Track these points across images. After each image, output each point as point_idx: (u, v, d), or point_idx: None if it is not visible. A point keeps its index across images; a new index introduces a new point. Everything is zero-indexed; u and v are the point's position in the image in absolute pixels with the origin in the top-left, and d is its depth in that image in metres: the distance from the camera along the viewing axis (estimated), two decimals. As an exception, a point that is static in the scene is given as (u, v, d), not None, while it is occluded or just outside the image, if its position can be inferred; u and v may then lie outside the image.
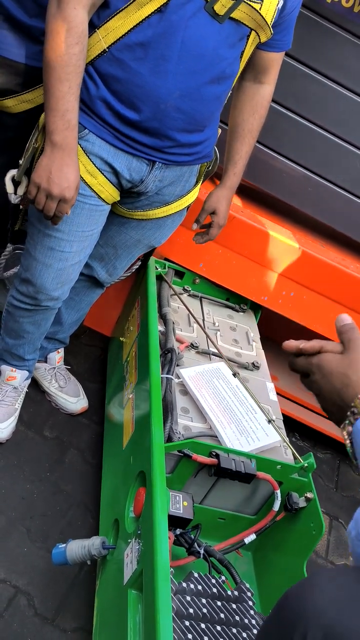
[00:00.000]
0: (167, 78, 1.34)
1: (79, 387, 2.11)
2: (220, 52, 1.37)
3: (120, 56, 1.33)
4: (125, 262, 1.82)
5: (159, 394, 1.47)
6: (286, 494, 1.52)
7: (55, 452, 1.95)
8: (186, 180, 1.60)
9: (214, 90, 1.43)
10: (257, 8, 1.34)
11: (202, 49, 1.33)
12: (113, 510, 1.52)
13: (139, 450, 1.47)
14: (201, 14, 1.29)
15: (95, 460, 1.96)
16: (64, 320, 1.96)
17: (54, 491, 1.83)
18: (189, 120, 1.43)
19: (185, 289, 2.06)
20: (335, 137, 1.95)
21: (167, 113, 1.39)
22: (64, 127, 1.30)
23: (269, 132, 1.89)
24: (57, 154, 1.32)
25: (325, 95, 1.89)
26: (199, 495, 1.57)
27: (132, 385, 1.72)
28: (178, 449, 1.42)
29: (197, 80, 1.37)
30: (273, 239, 1.95)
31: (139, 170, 1.49)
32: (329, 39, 1.82)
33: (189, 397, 1.62)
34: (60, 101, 1.28)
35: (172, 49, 1.31)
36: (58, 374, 2.07)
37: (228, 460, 1.43)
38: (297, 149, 1.98)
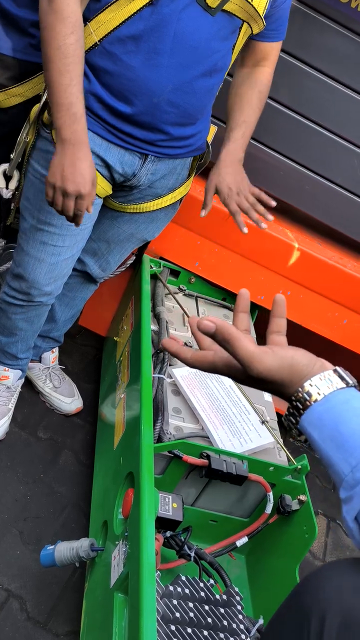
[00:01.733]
0: (160, 72, 1.33)
1: (73, 387, 2.09)
2: (213, 45, 1.35)
3: (112, 49, 1.32)
4: (118, 256, 1.81)
5: (149, 393, 1.44)
6: (279, 497, 1.49)
7: (49, 453, 1.93)
8: (179, 173, 1.59)
9: (207, 83, 1.42)
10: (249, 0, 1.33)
11: (195, 41, 1.32)
12: (103, 512, 1.50)
13: (128, 450, 1.45)
14: (193, 6, 1.28)
15: (89, 461, 1.94)
16: (58, 318, 1.94)
17: (48, 493, 1.81)
18: (181, 114, 1.42)
19: (180, 288, 2.04)
20: (333, 134, 1.92)
21: (159, 107, 1.38)
22: (71, 120, 1.27)
23: (265, 129, 1.87)
24: (68, 150, 1.29)
25: (323, 92, 1.86)
26: (190, 497, 1.54)
27: (124, 385, 1.70)
28: (168, 450, 1.39)
29: (190, 73, 1.36)
30: (270, 238, 1.92)
31: (131, 164, 1.48)
32: (327, 36, 1.79)
33: (181, 397, 1.60)
34: (63, 94, 1.25)
35: (165, 42, 1.30)
36: (52, 374, 2.05)
37: (219, 461, 1.40)
38: (294, 147, 1.95)
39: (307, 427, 0.70)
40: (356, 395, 0.70)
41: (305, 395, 0.71)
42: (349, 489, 0.64)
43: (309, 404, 0.70)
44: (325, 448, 0.67)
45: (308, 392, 0.71)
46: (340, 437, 0.66)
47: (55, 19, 1.22)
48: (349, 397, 0.69)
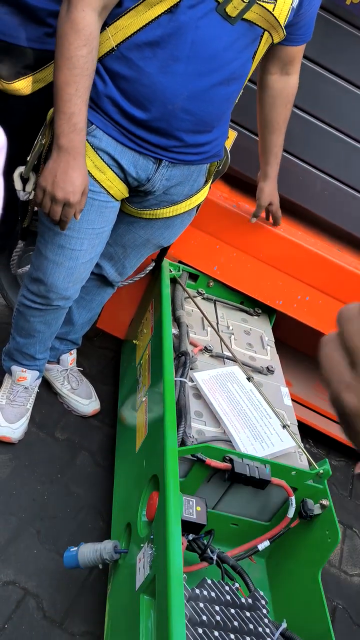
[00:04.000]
0: (176, 79, 1.33)
1: (91, 389, 2.11)
2: (232, 53, 1.35)
3: (129, 55, 1.32)
4: (134, 261, 1.81)
5: (172, 397, 1.45)
6: (301, 501, 1.50)
7: (66, 453, 1.94)
8: (194, 180, 1.59)
9: (224, 92, 1.41)
10: (269, 9, 1.31)
11: (213, 50, 1.32)
12: (125, 514, 1.51)
13: (152, 453, 1.45)
14: (212, 15, 1.28)
15: (106, 463, 1.95)
16: (76, 320, 1.95)
17: (65, 493, 1.82)
18: (197, 122, 1.42)
19: (199, 292, 2.05)
20: (354, 140, 1.93)
21: (174, 114, 1.38)
22: (69, 130, 1.29)
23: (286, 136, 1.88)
24: (62, 157, 1.31)
25: (343, 98, 1.87)
26: (211, 500, 1.55)
27: (145, 388, 1.71)
28: (191, 453, 1.40)
29: (207, 82, 1.35)
30: (288, 242, 1.93)
31: (145, 168, 1.48)
32: (350, 42, 1.80)
33: (202, 401, 1.61)
34: (67, 104, 1.27)
35: (182, 49, 1.30)
36: (70, 376, 2.06)
37: (242, 465, 1.41)
38: (314, 153, 1.96)
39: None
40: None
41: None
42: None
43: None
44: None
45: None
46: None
47: (70, 28, 1.23)
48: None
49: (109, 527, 1.69)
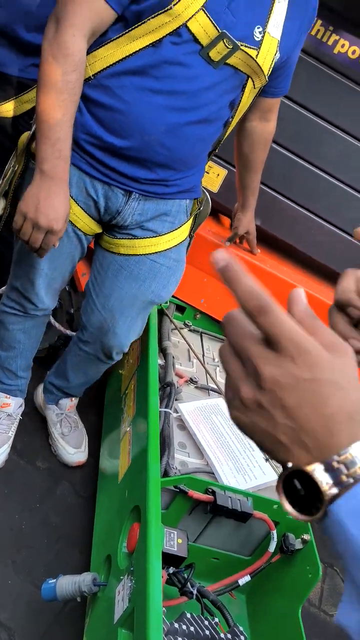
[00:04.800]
0: (153, 111, 1.31)
1: (83, 439, 2.03)
2: (212, 96, 1.35)
3: (107, 83, 1.30)
4: (125, 328, 1.68)
5: (156, 427, 1.45)
6: (282, 535, 1.50)
7: (46, 483, 1.92)
8: (174, 217, 1.54)
9: (200, 132, 1.40)
10: (252, 55, 1.32)
11: (194, 88, 1.31)
12: (105, 546, 1.49)
13: (134, 484, 1.45)
14: (196, 55, 1.28)
15: (88, 493, 1.93)
16: (71, 379, 1.91)
17: (43, 523, 1.79)
18: (172, 158, 1.40)
19: (186, 324, 2.07)
20: (342, 183, 2.00)
21: (151, 146, 1.36)
22: (54, 156, 1.26)
23: (279, 178, 1.95)
24: (45, 183, 1.28)
25: (332, 142, 1.94)
26: (193, 533, 1.54)
27: (129, 418, 1.71)
28: (174, 485, 1.40)
29: (183, 118, 1.34)
30: (274, 278, 1.97)
31: (114, 200, 1.45)
32: (339, 89, 1.88)
33: (186, 432, 1.61)
34: (52, 129, 1.24)
35: (163, 83, 1.29)
36: (64, 421, 2.01)
37: (224, 497, 1.41)
38: (304, 194, 2.02)
39: (344, 518, 0.47)
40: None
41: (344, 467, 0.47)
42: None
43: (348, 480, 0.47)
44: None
45: (352, 463, 0.47)
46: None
47: (58, 52, 1.21)
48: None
49: (87, 558, 1.66)
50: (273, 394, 0.47)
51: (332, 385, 0.47)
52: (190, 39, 1.25)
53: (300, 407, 0.47)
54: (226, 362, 0.50)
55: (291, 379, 0.47)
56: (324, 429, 0.47)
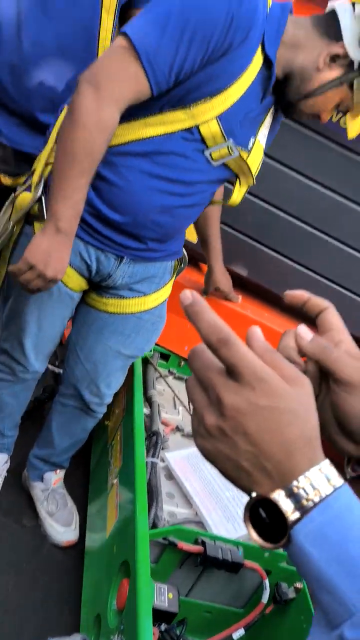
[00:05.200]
0: (154, 194, 1.38)
1: (73, 516, 1.93)
2: (204, 186, 1.44)
3: (114, 159, 1.35)
4: (107, 380, 1.72)
5: (143, 479, 1.44)
6: (275, 584, 1.47)
7: (33, 541, 1.87)
8: (160, 277, 1.61)
9: (189, 213, 1.50)
10: (244, 157, 1.40)
11: (192, 179, 1.39)
12: (95, 604, 1.45)
13: (122, 538, 1.42)
14: (200, 153, 1.36)
15: (76, 550, 1.88)
16: (57, 445, 1.88)
17: (31, 583, 1.74)
18: (162, 233, 1.48)
19: (170, 372, 2.08)
20: (316, 229, 2.06)
21: (145, 224, 1.42)
22: (72, 215, 1.29)
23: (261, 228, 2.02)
24: (59, 239, 1.30)
25: (304, 192, 2.02)
26: (184, 587, 1.50)
27: (116, 470, 1.69)
28: (163, 537, 1.38)
29: (178, 202, 1.42)
30: (256, 324, 2.00)
31: (106, 264, 1.50)
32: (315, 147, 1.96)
33: (174, 481, 1.60)
34: (76, 191, 1.27)
35: (166, 170, 1.35)
36: (51, 497, 1.93)
37: (214, 548, 1.39)
38: (280, 240, 2.08)
39: (304, 543, 0.49)
40: (352, 495, 0.52)
41: (304, 491, 0.50)
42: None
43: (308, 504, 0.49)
44: (328, 572, 0.49)
45: (311, 486, 0.50)
46: (350, 560, 0.49)
47: (97, 126, 1.22)
48: (350, 501, 0.51)
49: (77, 619, 1.61)
50: (234, 420, 0.50)
51: (290, 413, 0.50)
52: (199, 139, 1.33)
53: (260, 433, 0.49)
54: (192, 393, 0.54)
55: (251, 406, 0.49)
56: (284, 454, 0.50)
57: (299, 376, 0.52)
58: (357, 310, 2.13)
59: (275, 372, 0.51)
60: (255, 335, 0.54)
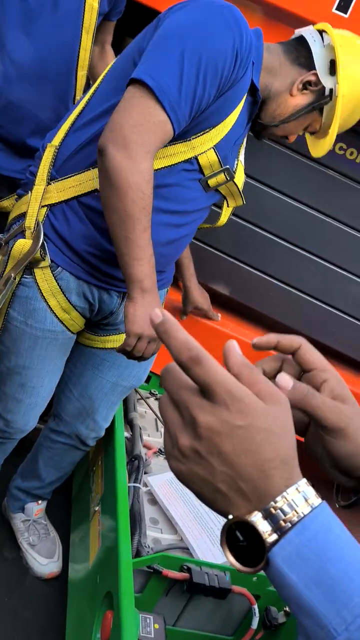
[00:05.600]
0: (159, 228, 1.34)
1: (56, 547, 1.86)
2: (201, 213, 1.45)
3: None
4: (105, 412, 1.68)
5: (126, 505, 1.40)
6: (264, 609, 1.43)
7: (15, 574, 1.81)
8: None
9: (186, 241, 1.51)
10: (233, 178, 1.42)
11: (192, 208, 1.40)
12: (79, 638, 1.39)
13: (105, 569, 1.38)
14: (196, 182, 1.36)
15: (59, 582, 1.82)
16: (43, 478, 1.83)
17: (13, 619, 1.68)
18: (165, 263, 1.47)
19: (152, 393, 2.05)
20: (294, 245, 2.07)
21: None
22: (151, 272, 1.25)
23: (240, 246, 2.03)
24: (150, 299, 1.26)
25: (284, 211, 2.03)
26: (171, 616, 1.46)
27: (98, 497, 1.65)
28: (147, 565, 1.34)
29: (180, 233, 1.43)
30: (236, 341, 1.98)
31: (109, 302, 1.47)
32: (287, 163, 1.97)
33: (158, 506, 1.56)
34: (146, 249, 1.23)
35: (168, 203, 1.35)
36: (33, 528, 1.86)
37: (201, 574, 1.35)
38: (258, 257, 2.08)
39: (282, 565, 0.48)
40: (331, 514, 0.50)
41: (282, 512, 0.49)
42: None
43: (286, 525, 0.48)
44: (308, 595, 0.48)
45: (289, 506, 0.49)
46: (329, 581, 0.47)
47: (142, 180, 1.18)
48: (328, 519, 0.50)
49: (62, 654, 1.55)
50: (209, 441, 0.48)
51: (266, 432, 0.49)
52: (197, 169, 1.34)
53: (236, 454, 0.48)
54: (164, 413, 0.52)
55: (226, 426, 0.48)
56: (260, 474, 0.48)
57: (275, 392, 0.51)
58: (337, 325, 2.12)
59: (252, 389, 0.50)
60: (233, 350, 0.52)
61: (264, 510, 0.49)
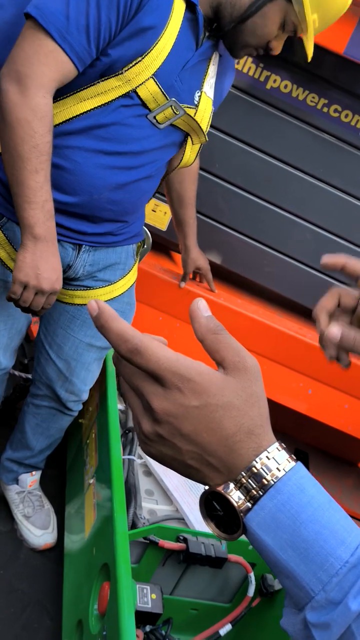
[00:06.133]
0: (104, 171, 1.31)
1: (50, 519, 1.87)
2: (157, 154, 1.37)
3: (55, 142, 1.26)
4: (82, 375, 1.65)
5: (120, 477, 1.39)
6: (260, 577, 1.44)
7: (9, 547, 1.80)
8: (124, 263, 1.54)
9: (146, 186, 1.42)
10: (191, 114, 1.34)
11: (140, 149, 1.32)
12: (76, 610, 1.40)
13: (101, 540, 1.37)
14: (143, 119, 1.29)
15: (54, 554, 1.82)
16: (33, 446, 1.81)
17: (8, 590, 1.68)
18: (119, 212, 1.40)
19: (144, 365, 2.02)
20: (287, 212, 2.03)
21: (99, 203, 1.35)
22: (45, 217, 1.22)
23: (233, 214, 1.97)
24: (41, 247, 1.23)
25: (276, 175, 1.98)
26: (168, 585, 1.46)
27: (92, 470, 1.64)
28: (143, 536, 1.33)
29: (132, 176, 1.35)
30: (229, 311, 1.96)
31: (64, 255, 1.42)
32: (275, 123, 1.92)
33: (153, 478, 1.55)
34: (38, 192, 1.19)
35: (111, 144, 1.29)
36: (27, 500, 1.86)
37: (197, 544, 1.35)
38: (252, 226, 2.04)
39: (257, 530, 0.49)
40: (305, 475, 0.50)
41: (253, 480, 0.49)
42: (324, 613, 0.48)
43: (258, 493, 0.49)
44: (284, 558, 0.49)
45: (258, 475, 0.49)
46: (303, 544, 0.48)
47: (34, 117, 1.15)
48: (302, 481, 0.50)
49: (58, 625, 1.55)
50: (169, 425, 0.49)
51: (223, 408, 0.49)
52: (139, 103, 1.26)
53: (197, 433, 0.49)
54: (127, 399, 0.53)
55: (181, 408, 0.48)
56: (225, 448, 0.49)
57: (239, 361, 0.50)
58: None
59: (215, 357, 0.50)
60: (197, 313, 0.52)
61: (235, 481, 0.50)
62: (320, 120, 1.93)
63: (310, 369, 1.99)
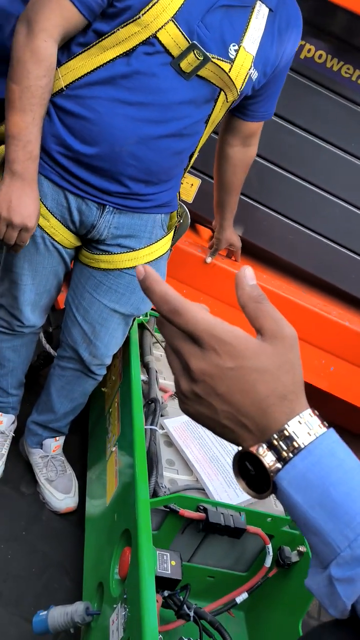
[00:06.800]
0: (126, 122, 1.30)
1: (72, 483, 1.91)
2: (186, 110, 1.33)
3: (80, 92, 1.30)
4: (106, 339, 1.66)
5: (143, 446, 1.41)
6: (278, 548, 1.46)
7: (32, 509, 1.85)
8: (150, 232, 1.52)
9: (174, 145, 1.38)
10: (225, 69, 1.30)
11: (167, 100, 1.29)
12: (97, 573, 1.44)
13: (123, 507, 1.40)
14: (167, 67, 1.26)
15: (75, 517, 1.87)
16: (57, 409, 1.84)
17: (30, 551, 1.73)
18: (143, 169, 1.37)
19: (167, 337, 2.03)
20: (316, 187, 1.99)
21: (120, 157, 1.34)
22: (25, 157, 1.27)
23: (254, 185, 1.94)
24: (16, 183, 1.29)
25: (307, 149, 1.94)
26: (186, 552, 1.49)
27: (114, 438, 1.66)
28: (164, 504, 1.36)
29: (157, 131, 1.32)
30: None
31: (88, 213, 1.43)
32: (314, 99, 1.88)
33: (174, 448, 1.57)
34: (23, 131, 1.25)
35: (135, 94, 1.28)
36: (50, 464, 1.90)
37: (216, 514, 1.37)
38: (278, 200, 2.01)
39: (287, 488, 0.52)
40: (337, 440, 0.53)
41: (284, 443, 0.52)
42: (348, 568, 0.51)
43: (289, 455, 0.52)
44: (313, 516, 0.51)
45: (289, 438, 0.52)
46: (332, 503, 0.51)
47: (30, 57, 1.21)
48: (333, 445, 0.53)
49: (78, 587, 1.60)
50: (205, 384, 0.52)
51: (257, 372, 0.51)
52: (162, 50, 1.24)
53: (231, 394, 0.52)
54: (169, 360, 0.56)
55: (216, 369, 0.51)
56: (258, 411, 0.52)
57: (277, 329, 0.53)
58: (358, 269, 2.08)
59: (254, 324, 0.53)
60: (242, 281, 0.54)
61: (267, 442, 0.52)
62: (355, 92, 1.88)
63: (333, 347, 1.98)
